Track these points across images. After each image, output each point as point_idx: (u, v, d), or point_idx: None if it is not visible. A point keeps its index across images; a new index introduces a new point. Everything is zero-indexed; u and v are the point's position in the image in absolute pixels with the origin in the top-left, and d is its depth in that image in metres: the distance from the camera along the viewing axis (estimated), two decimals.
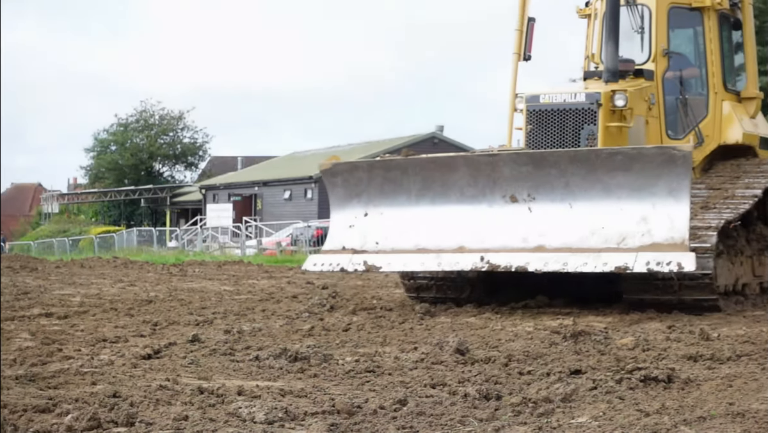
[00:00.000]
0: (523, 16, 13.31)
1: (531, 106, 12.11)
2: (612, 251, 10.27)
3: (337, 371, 6.95)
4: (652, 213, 10.30)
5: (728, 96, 13.45)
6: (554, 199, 10.75)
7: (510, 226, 10.85)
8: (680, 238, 10.08)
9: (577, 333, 8.52)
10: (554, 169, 10.74)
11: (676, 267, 9.94)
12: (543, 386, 6.18)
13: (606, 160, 10.53)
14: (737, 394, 5.89)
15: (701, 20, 13.19)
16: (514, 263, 10.58)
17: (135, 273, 19.83)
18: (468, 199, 11.15)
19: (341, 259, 11.52)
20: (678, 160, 10.20)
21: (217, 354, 7.77)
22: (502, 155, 11.13)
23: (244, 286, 16.12)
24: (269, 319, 10.59)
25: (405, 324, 9.95)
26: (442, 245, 11.08)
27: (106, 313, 11.25)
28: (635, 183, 10.41)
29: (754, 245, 12.38)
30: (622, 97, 11.83)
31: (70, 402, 5.58)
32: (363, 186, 11.74)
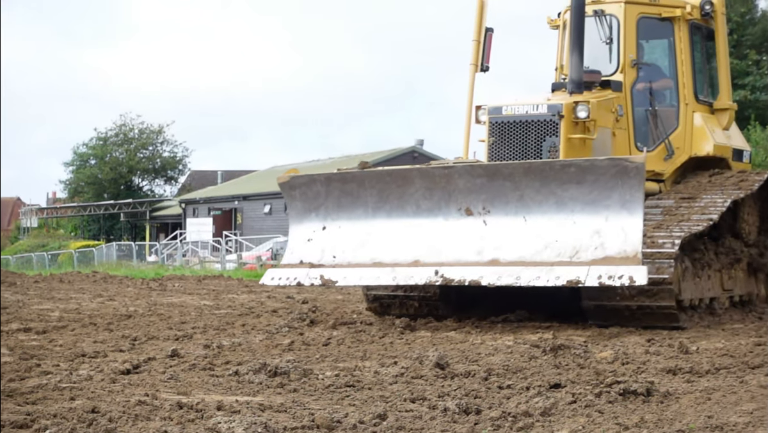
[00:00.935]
0: (480, 26, 13.08)
1: (493, 118, 11.97)
2: (565, 264, 10.19)
3: (317, 385, 6.94)
4: (605, 226, 10.21)
5: (700, 107, 13.30)
6: (509, 213, 10.68)
7: (465, 239, 10.77)
8: (633, 251, 9.99)
9: (557, 347, 8.54)
10: (508, 182, 10.65)
11: (627, 281, 9.82)
12: (522, 400, 6.19)
13: (559, 173, 10.45)
14: (716, 407, 5.91)
15: (672, 31, 13.08)
16: (468, 276, 10.49)
17: (114, 288, 19.76)
18: (424, 212, 11.08)
19: (298, 273, 11.42)
20: (631, 172, 10.10)
21: (197, 369, 7.74)
22: (456, 167, 11.02)
23: (223, 300, 16.08)
24: (249, 334, 10.57)
25: (385, 338, 9.94)
26: (398, 258, 10.99)
27: (85, 328, 11.20)
28: (588, 196, 10.32)
29: (723, 258, 12.26)
30: (584, 109, 11.70)
31: (49, 418, 5.55)
32: (321, 199, 11.64)
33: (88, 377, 7.20)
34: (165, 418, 5.66)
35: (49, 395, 6.41)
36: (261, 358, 8.18)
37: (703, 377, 7.19)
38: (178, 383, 7.03)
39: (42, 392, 6.51)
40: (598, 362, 7.99)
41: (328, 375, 7.37)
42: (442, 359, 7.72)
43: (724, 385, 6.75)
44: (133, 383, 7.03)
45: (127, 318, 12.43)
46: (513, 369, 7.58)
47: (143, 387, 6.81)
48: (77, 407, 5.87)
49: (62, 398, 6.31)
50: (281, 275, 11.58)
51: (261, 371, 7.34)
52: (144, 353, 8.83)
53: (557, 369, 7.62)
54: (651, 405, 6.08)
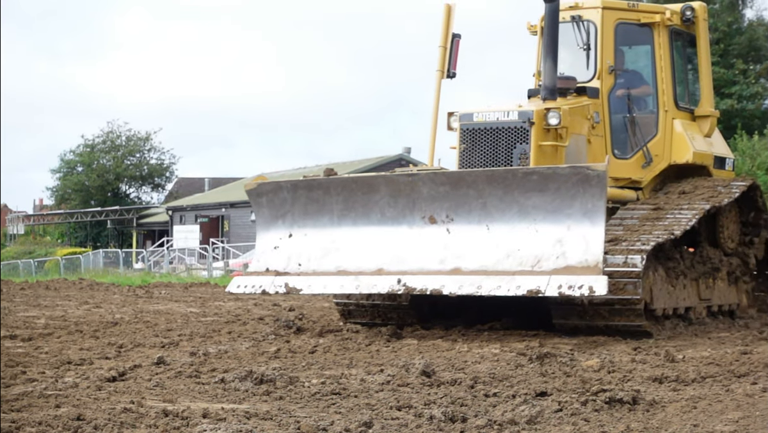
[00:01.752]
0: (447, 32, 12.93)
1: (464, 125, 11.84)
2: (526, 273, 10.07)
3: (303, 393, 6.93)
4: (567, 235, 10.09)
5: (681, 114, 13.13)
6: (472, 221, 10.59)
7: (428, 248, 10.69)
8: (594, 261, 9.86)
9: (543, 355, 8.54)
10: (472, 190, 10.56)
11: (587, 291, 9.72)
12: (509, 408, 6.19)
13: (522, 180, 10.34)
14: (702, 415, 5.91)
15: (651, 37, 12.92)
16: (430, 285, 10.40)
17: (101, 295, 19.70)
18: (389, 220, 11.00)
19: (264, 281, 11.36)
20: (592, 180, 9.97)
21: (183, 377, 7.72)
22: (420, 175, 10.93)
23: (210, 308, 16.05)
24: (235, 341, 10.55)
25: (371, 346, 9.94)
26: (362, 267, 10.91)
27: (71, 335, 11.17)
28: (551, 204, 10.22)
29: (700, 267, 12.15)
30: (555, 116, 11.54)
31: (34, 425, 5.53)
32: (287, 206, 11.57)
33: (74, 385, 7.17)
34: (150, 425, 5.64)
35: (34, 402, 6.38)
36: (247, 365, 8.16)
37: (689, 386, 7.20)
38: (163, 391, 7.01)
39: (27, 399, 6.48)
40: (584, 370, 8.00)
41: (315, 383, 7.36)
42: (428, 367, 7.72)
43: (710, 393, 6.76)
44: (118, 390, 7.01)
45: (113, 325, 12.39)
46: (499, 377, 7.58)
47: (129, 394, 6.79)
48: (62, 414, 5.85)
49: (47, 405, 6.28)
50: (247, 283, 11.53)
51: (247, 378, 7.32)
52: (130, 360, 8.80)
53: (543, 377, 7.62)
54: (637, 413, 6.08)
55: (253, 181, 11.92)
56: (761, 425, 5.57)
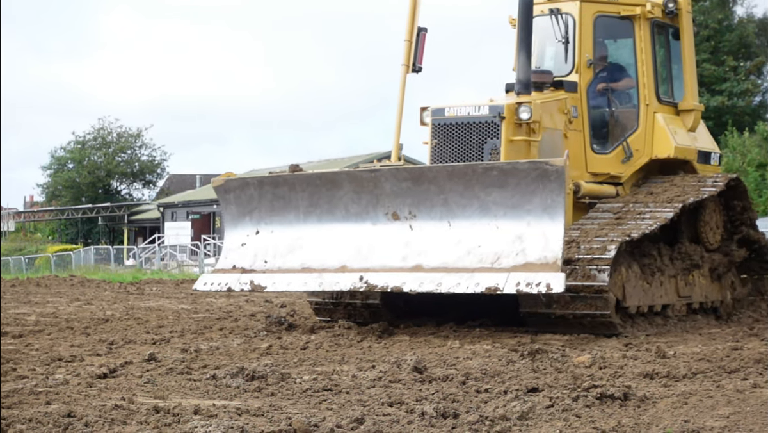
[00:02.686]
0: (412, 26, 12.67)
1: (436, 120, 11.70)
2: (486, 270, 9.96)
3: (295, 389, 6.93)
4: (527, 231, 9.97)
5: (663, 108, 12.93)
6: (434, 217, 10.47)
7: (391, 245, 10.60)
8: (553, 257, 9.74)
9: (535, 351, 8.55)
10: (433, 186, 10.44)
11: (545, 288, 9.59)
12: (500, 404, 6.19)
13: (482, 176, 10.20)
14: (692, 411, 5.93)
15: (632, 30, 12.71)
16: (391, 282, 10.32)
17: (92, 292, 19.68)
18: (353, 216, 10.91)
19: (230, 278, 11.29)
20: (551, 176, 9.82)
21: (174, 373, 7.72)
22: (383, 171, 10.79)
23: (201, 304, 16.04)
24: (227, 337, 10.54)
25: (363, 342, 9.94)
26: (326, 264, 10.85)
27: (61, 332, 11.15)
28: (511, 200, 10.08)
29: (679, 264, 11.98)
30: (526, 110, 11.34)
31: (24, 422, 5.52)
32: (254, 203, 11.49)
33: (65, 382, 7.16)
34: (141, 422, 5.63)
35: (24, 399, 6.37)
36: (239, 362, 8.16)
37: (680, 382, 7.22)
38: (154, 387, 7.01)
39: (18, 396, 6.47)
40: (575, 366, 8.01)
41: (306, 379, 7.36)
42: (420, 363, 7.72)
43: (700, 389, 6.77)
44: (109, 387, 7.00)
45: (104, 322, 12.38)
46: (491, 373, 7.59)
47: (120, 391, 6.78)
48: (53, 411, 5.84)
49: (38, 402, 6.27)
50: (213, 281, 11.46)
51: (238, 375, 7.32)
52: (121, 357, 8.79)
53: (535, 373, 7.63)
54: (628, 409, 6.09)
55: (220, 178, 11.82)
56: (752, 420, 5.59)
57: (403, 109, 12.60)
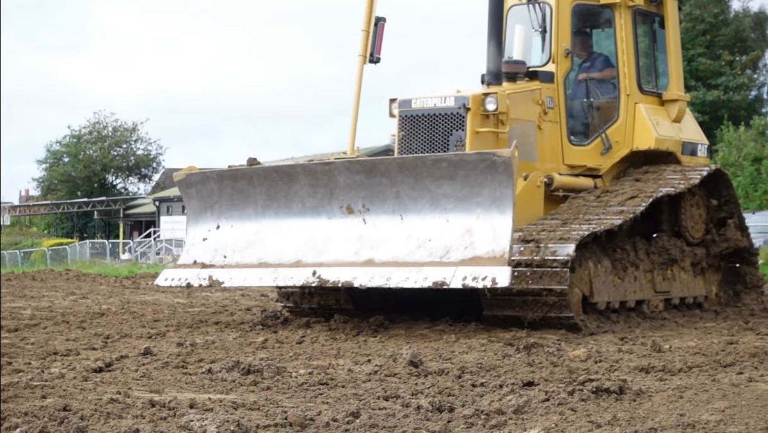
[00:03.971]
0: (369, 16, 12.41)
1: (403, 112, 11.49)
2: (435, 265, 9.75)
3: (290, 383, 6.93)
4: (476, 225, 9.73)
5: (646, 98, 12.65)
6: (386, 210, 10.29)
7: (345, 239, 10.45)
8: (501, 251, 9.47)
9: (530, 345, 8.55)
10: (385, 178, 10.25)
11: (490, 282, 9.33)
12: (496, 397, 6.19)
13: (432, 168, 9.99)
14: (688, 405, 5.93)
15: (612, 18, 12.44)
16: (342, 277, 10.12)
17: (87, 286, 19.67)
18: (309, 210, 10.78)
19: (190, 273, 11.20)
20: (499, 167, 9.57)
21: (170, 367, 7.71)
22: (336, 164, 10.63)
23: (197, 298, 16.03)
24: (222, 331, 10.54)
25: (359, 336, 9.94)
26: (282, 259, 10.72)
27: (57, 326, 11.14)
28: (461, 192, 9.86)
29: (656, 258, 11.74)
30: (492, 101, 11.09)
31: (20, 416, 5.51)
32: (215, 198, 11.39)
33: (60, 375, 7.16)
34: (137, 416, 5.63)
35: (20, 393, 6.36)
36: (234, 356, 8.16)
37: (676, 376, 7.22)
38: (150, 381, 7.00)
39: (13, 390, 6.46)
40: (571, 360, 8.01)
41: (302, 373, 7.36)
42: (415, 357, 7.72)
43: (696, 383, 6.78)
44: (105, 381, 7.00)
45: (99, 316, 12.37)
46: (486, 367, 7.59)
47: (115, 385, 6.78)
48: (48, 405, 5.83)
49: (33, 396, 6.26)
50: (174, 276, 11.38)
51: (234, 369, 7.32)
52: (116, 351, 8.79)
53: (530, 367, 7.64)
54: (623, 403, 6.10)
55: (181, 172, 11.74)
56: (747, 414, 5.59)
57: (359, 100, 12.37)
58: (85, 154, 69.74)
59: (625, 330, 10.58)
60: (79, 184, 69.62)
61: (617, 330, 10.54)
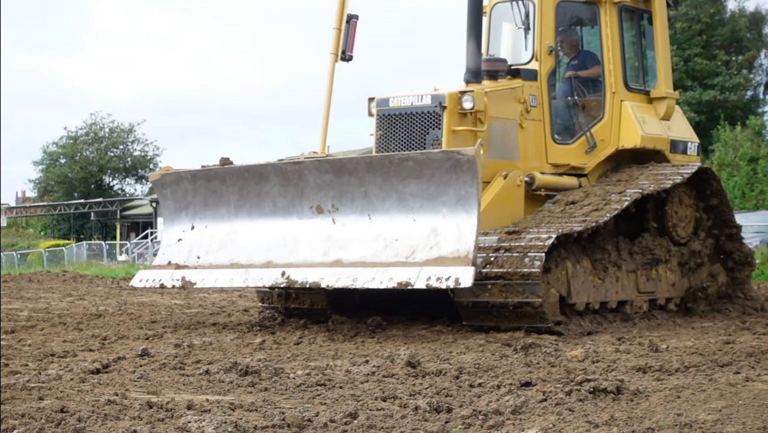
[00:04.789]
0: (341, 13, 12.23)
1: (381, 111, 11.37)
2: (400, 265, 9.69)
3: (288, 384, 6.93)
4: (442, 224, 9.66)
5: (633, 96, 12.51)
6: (355, 210, 10.25)
7: (315, 239, 10.40)
8: (465, 251, 9.39)
9: (528, 345, 8.56)
10: (354, 178, 10.19)
11: (453, 283, 9.26)
12: (493, 398, 6.20)
13: (398, 167, 9.92)
14: (685, 405, 5.93)
15: (597, 15, 12.31)
16: (310, 278, 10.10)
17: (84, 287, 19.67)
18: (280, 210, 10.74)
19: (164, 274, 11.19)
20: (463, 166, 9.49)
21: (167, 368, 7.71)
22: (306, 163, 10.55)
23: (194, 300, 16.03)
24: (220, 333, 10.53)
25: (357, 337, 9.94)
26: (253, 259, 10.69)
27: (54, 327, 11.14)
28: (427, 192, 9.79)
29: (639, 258, 11.55)
30: (469, 99, 10.94)
31: (17, 418, 5.51)
32: (189, 198, 11.38)
33: (57, 377, 7.15)
34: (134, 417, 5.63)
35: (17, 394, 6.36)
36: (232, 357, 8.16)
37: (673, 375, 7.23)
38: (148, 383, 7.00)
39: (10, 391, 6.46)
40: (568, 360, 8.02)
41: (300, 374, 7.36)
42: (413, 357, 7.72)
43: (693, 383, 6.78)
44: (102, 382, 6.99)
45: (97, 317, 12.36)
46: (484, 367, 7.59)
47: (113, 387, 6.77)
48: (46, 406, 5.83)
49: (30, 397, 6.26)
50: (149, 277, 11.36)
51: (232, 370, 7.32)
52: (114, 352, 8.78)
53: (528, 367, 7.64)
54: (621, 403, 6.10)
55: (157, 172, 11.72)
56: (744, 414, 5.60)
57: (331, 99, 12.23)
58: (82, 156, 69.64)
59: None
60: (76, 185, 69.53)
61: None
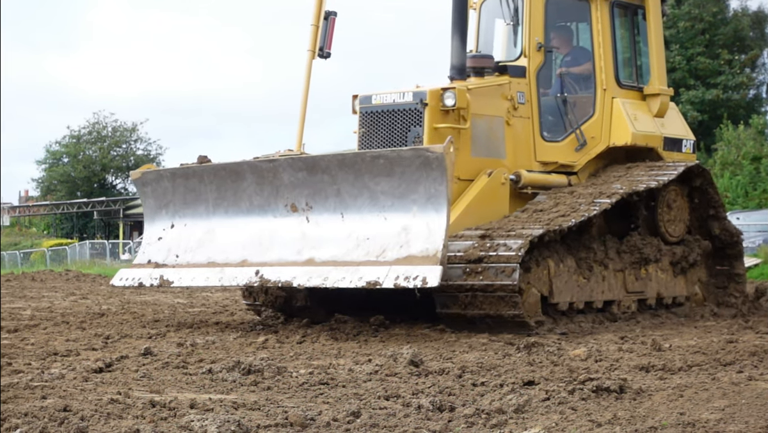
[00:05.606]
0: (319, 10, 12.03)
1: (363, 108, 11.27)
2: (370, 264, 9.60)
3: (291, 383, 6.93)
4: (412, 223, 9.57)
5: (625, 93, 12.34)
6: (328, 208, 10.19)
7: (289, 237, 10.33)
8: (434, 249, 9.30)
9: (531, 344, 8.56)
10: (326, 176, 10.12)
11: (420, 282, 9.16)
12: (496, 397, 6.19)
13: (370, 165, 9.83)
14: (688, 404, 5.93)
15: (588, 11, 12.16)
16: (283, 277, 10.03)
17: (87, 286, 19.69)
18: (256, 209, 10.68)
19: (143, 273, 11.17)
20: (433, 163, 9.39)
21: (170, 367, 7.71)
22: (280, 161, 10.48)
23: (197, 299, 16.04)
24: (223, 332, 10.53)
25: (360, 336, 9.93)
26: (230, 258, 10.65)
27: (57, 326, 11.14)
28: (398, 189, 9.70)
29: (627, 257, 11.36)
30: (450, 96, 10.78)
31: (20, 416, 5.51)
32: (169, 196, 11.35)
33: (60, 376, 7.16)
34: (137, 416, 5.63)
35: (20, 393, 6.36)
36: (235, 356, 8.16)
37: (676, 375, 7.22)
38: (150, 382, 7.00)
39: (13, 390, 6.46)
40: (571, 359, 8.01)
41: (302, 373, 7.36)
42: (416, 356, 7.72)
43: (696, 382, 6.78)
44: (105, 381, 7.00)
45: (99, 316, 12.37)
46: (487, 366, 7.59)
47: (116, 386, 6.78)
48: (49, 405, 5.83)
49: (33, 396, 6.26)
50: (129, 276, 11.35)
51: (235, 369, 7.32)
52: (117, 351, 8.79)
53: (531, 366, 7.64)
54: (624, 402, 6.10)
55: (138, 171, 11.69)
56: (747, 413, 5.59)
57: (308, 96, 12.09)
58: (85, 155, 69.63)
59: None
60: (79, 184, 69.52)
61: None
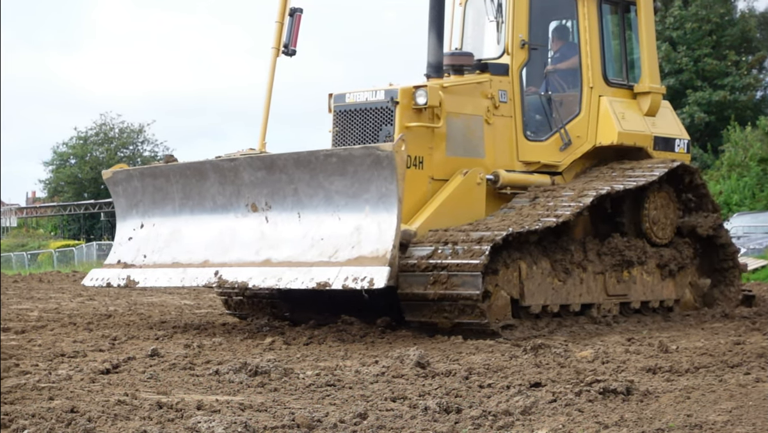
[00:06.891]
0: (284, 6, 11.78)
1: (337, 107, 11.14)
2: (323, 265, 9.51)
3: (298, 385, 6.93)
4: (364, 223, 9.47)
5: (613, 91, 12.11)
6: (286, 208, 10.11)
7: (248, 237, 10.28)
8: (384, 250, 9.19)
9: (537, 346, 8.55)
10: (284, 175, 10.03)
11: (367, 283, 9.05)
12: (503, 398, 6.19)
13: (324, 164, 9.73)
14: (695, 406, 5.92)
15: (575, 7, 11.95)
16: (240, 278, 9.98)
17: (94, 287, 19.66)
18: (219, 208, 10.64)
19: (111, 273, 11.15)
20: (383, 162, 9.26)
21: (177, 369, 7.72)
22: (240, 160, 10.39)
23: (204, 300, 16.05)
24: (230, 333, 10.54)
25: (366, 337, 9.93)
26: (193, 258, 10.61)
27: (64, 327, 11.15)
28: (351, 189, 9.60)
29: (607, 259, 11.11)
30: (422, 94, 10.56)
31: (27, 418, 5.52)
32: (139, 196, 11.33)
33: (68, 377, 7.17)
34: (144, 418, 5.63)
35: (27, 394, 6.37)
36: (241, 357, 8.16)
37: (683, 376, 7.22)
38: (158, 383, 7.01)
39: (20, 391, 6.47)
40: (578, 361, 8.01)
41: (309, 374, 7.36)
42: (422, 358, 7.72)
43: (703, 384, 6.77)
44: (112, 382, 7.00)
45: (107, 318, 12.38)
46: (494, 368, 7.59)
47: (123, 387, 6.78)
48: (56, 406, 5.84)
49: (41, 397, 6.27)
50: (99, 276, 11.35)
51: (241, 370, 7.32)
52: (124, 352, 8.79)
53: (538, 368, 7.63)
54: (631, 404, 6.09)
55: (109, 170, 11.69)
56: (754, 414, 5.59)
57: (271, 94, 11.94)
58: (92, 156, 69.70)
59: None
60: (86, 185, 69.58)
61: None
